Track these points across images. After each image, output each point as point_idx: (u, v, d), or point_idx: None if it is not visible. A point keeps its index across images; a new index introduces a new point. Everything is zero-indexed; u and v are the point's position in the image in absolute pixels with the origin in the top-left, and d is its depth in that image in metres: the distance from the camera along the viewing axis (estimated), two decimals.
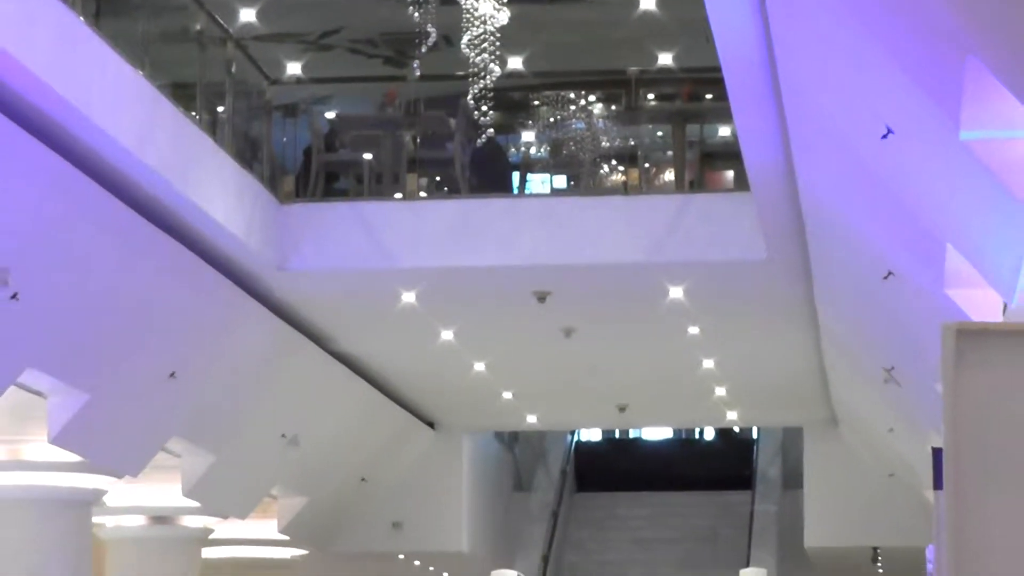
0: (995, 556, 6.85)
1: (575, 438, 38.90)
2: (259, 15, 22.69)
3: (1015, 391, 6.97)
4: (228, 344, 22.84)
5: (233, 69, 22.31)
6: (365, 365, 26.95)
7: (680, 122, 24.73)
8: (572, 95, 25.22)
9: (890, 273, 17.93)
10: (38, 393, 20.18)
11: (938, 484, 7.17)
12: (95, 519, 24.59)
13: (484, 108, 24.35)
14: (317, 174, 23.46)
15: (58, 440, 20.50)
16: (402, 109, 24.58)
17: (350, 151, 24.17)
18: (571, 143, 24.99)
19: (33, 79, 15.80)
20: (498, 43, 19.97)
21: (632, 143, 25.26)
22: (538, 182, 25.35)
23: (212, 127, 20.98)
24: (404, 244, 22.10)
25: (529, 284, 22.53)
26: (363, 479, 30.88)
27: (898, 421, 25.00)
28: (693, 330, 24.47)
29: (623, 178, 24.91)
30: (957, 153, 12.63)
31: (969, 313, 14.89)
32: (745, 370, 27.55)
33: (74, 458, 21.56)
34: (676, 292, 22.53)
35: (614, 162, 25.15)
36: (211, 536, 27.77)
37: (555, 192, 24.73)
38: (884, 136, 14.33)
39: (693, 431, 40.01)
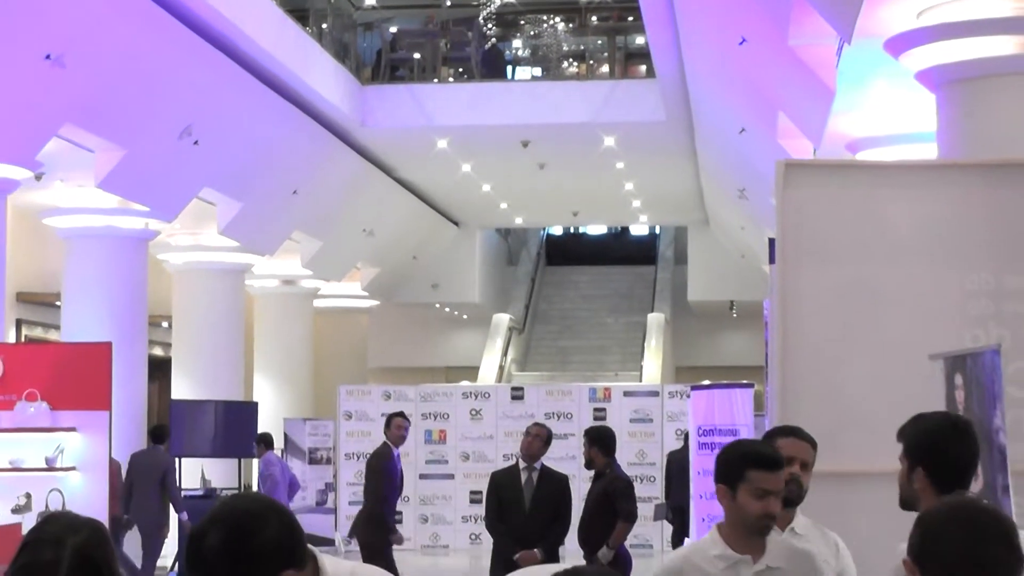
0: (804, 304, 6.93)
1: (546, 232, 38.93)
2: None
3: (819, 202, 7.01)
4: (328, 172, 22.86)
5: (332, 0, 22.21)
6: (415, 186, 26.96)
7: (612, 34, 24.62)
8: (544, 17, 25.10)
9: (743, 129, 17.92)
10: (211, 203, 20.24)
11: (772, 260, 7.21)
12: (246, 282, 24.76)
13: (490, 25, 24.24)
14: (385, 66, 23.38)
15: (225, 232, 20.62)
16: (438, 26, 24.48)
17: (406, 52, 24.08)
18: (544, 47, 24.88)
19: (207, 6, 15.75)
20: None
21: (582, 47, 25.15)
22: (523, 72, 25.23)
23: (319, 36, 20.87)
24: (439, 110, 22.10)
25: (517, 136, 22.52)
26: (414, 257, 30.99)
27: (747, 222, 25.10)
28: (619, 164, 24.47)
29: (576, 69, 24.81)
30: (786, 54, 12.61)
31: (792, 154, 14.93)
32: (651, 189, 27.56)
33: (234, 244, 21.67)
34: (609, 141, 22.51)
35: (571, 59, 25.06)
36: (319, 293, 27.95)
37: (534, 79, 24.60)
38: (740, 43, 14.27)
39: (618, 228, 40.01)
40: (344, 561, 3.22)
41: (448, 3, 25.15)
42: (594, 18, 25.39)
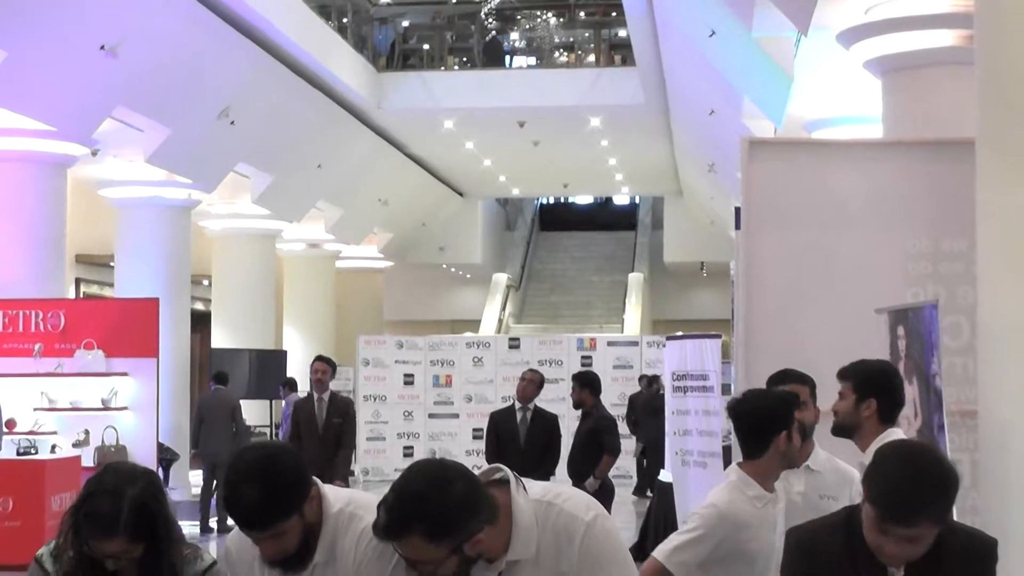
0: (765, 265, 6.94)
1: (540, 201, 38.89)
2: None
3: (779, 175, 7.01)
4: (348, 149, 22.81)
5: None
6: (424, 161, 26.91)
7: (598, 27, 24.51)
8: (538, 12, 25.00)
9: (712, 111, 17.87)
10: (245, 176, 20.21)
11: (737, 227, 7.21)
12: (277, 245, 24.74)
13: (490, 19, 24.11)
14: (398, 56, 23.29)
15: (258, 201, 20.61)
16: (445, 20, 24.36)
17: (416, 43, 23.99)
18: (538, 39, 24.78)
19: (243, 3, 15.68)
20: None
21: (571, 39, 25.06)
22: (520, 61, 25.15)
23: (340, 29, 20.78)
24: (446, 95, 22.03)
25: (514, 117, 22.47)
26: (423, 223, 30.96)
27: (716, 192, 25.05)
28: (604, 142, 24.43)
29: (566, 59, 24.71)
30: (750, 45, 12.57)
31: (755, 132, 14.90)
32: (632, 164, 27.51)
33: (266, 212, 21.65)
34: (595, 121, 22.47)
35: (561, 50, 24.96)
36: (340, 255, 27.93)
37: (529, 67, 24.52)
38: (710, 35, 14.21)
39: (603, 198, 39.95)
40: (342, 489, 3.28)
41: (454, 0, 25.04)
42: (582, 13, 25.32)
